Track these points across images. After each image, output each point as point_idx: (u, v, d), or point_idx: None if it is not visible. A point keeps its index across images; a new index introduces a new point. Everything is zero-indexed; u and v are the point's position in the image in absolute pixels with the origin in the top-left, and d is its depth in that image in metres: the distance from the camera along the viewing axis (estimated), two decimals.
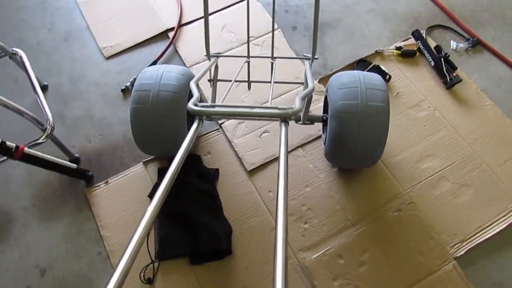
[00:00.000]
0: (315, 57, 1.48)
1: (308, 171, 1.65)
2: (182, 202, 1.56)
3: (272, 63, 1.52)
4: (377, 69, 1.85)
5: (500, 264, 1.47)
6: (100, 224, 1.57)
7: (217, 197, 1.59)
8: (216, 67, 1.53)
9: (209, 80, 1.54)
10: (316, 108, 1.79)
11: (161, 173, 1.65)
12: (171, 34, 2.03)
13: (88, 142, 1.78)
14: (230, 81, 1.48)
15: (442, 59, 1.87)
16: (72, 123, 1.83)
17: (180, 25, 2.07)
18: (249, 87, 1.59)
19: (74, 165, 1.60)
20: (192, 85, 1.25)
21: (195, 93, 1.21)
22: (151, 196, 1.60)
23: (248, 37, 1.49)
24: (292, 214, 1.56)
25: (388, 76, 1.84)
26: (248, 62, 1.54)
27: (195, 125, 1.17)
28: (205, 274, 1.46)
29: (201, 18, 2.08)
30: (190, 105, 1.14)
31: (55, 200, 1.65)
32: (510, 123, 1.75)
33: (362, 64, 1.90)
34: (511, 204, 1.56)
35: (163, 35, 2.06)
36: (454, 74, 1.85)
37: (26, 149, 1.37)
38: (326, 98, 1.53)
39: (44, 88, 1.91)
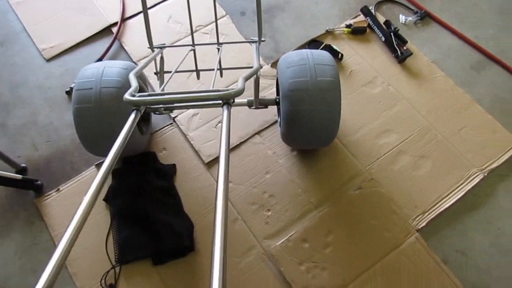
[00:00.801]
0: (262, 39, 1.44)
1: (267, 157, 1.62)
2: (140, 202, 1.50)
3: (218, 49, 1.48)
4: (329, 49, 1.83)
5: (461, 231, 1.49)
6: (54, 234, 1.50)
7: (176, 194, 1.54)
8: (162, 59, 1.47)
9: (155, 73, 1.47)
10: (271, 93, 1.76)
11: (116, 175, 1.58)
12: (115, 30, 1.95)
13: (35, 150, 1.69)
14: (177, 72, 1.42)
15: (392, 34, 1.87)
16: (16, 132, 1.73)
17: (124, 19, 1.99)
18: (198, 77, 1.53)
19: (19, 176, 1.51)
20: (131, 76, 1.18)
21: (133, 84, 1.14)
22: (106, 199, 1.53)
23: (191, 25, 1.44)
24: (254, 203, 1.53)
25: (340, 54, 1.83)
26: (194, 51, 1.48)
27: (132, 116, 1.09)
28: (170, 273, 1.41)
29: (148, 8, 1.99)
30: (126, 95, 1.06)
31: (3, 214, 1.55)
32: (461, 93, 1.77)
33: (313, 44, 1.87)
34: (467, 172, 1.58)
35: (106, 31, 1.97)
36: (405, 47, 1.85)
37: None
38: (277, 80, 1.50)
39: None
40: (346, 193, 1.54)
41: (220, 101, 1.07)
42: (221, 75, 1.58)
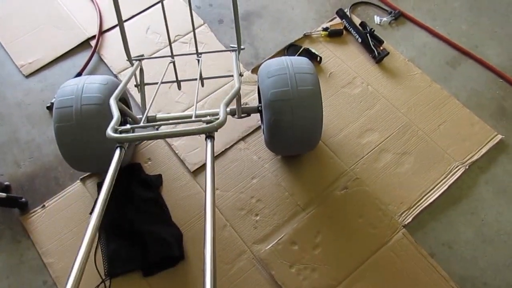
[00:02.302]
0: (242, 47, 1.45)
1: (252, 162, 1.63)
2: (127, 214, 1.49)
3: (198, 60, 1.48)
4: (307, 53, 1.86)
5: (446, 224, 1.52)
6: (41, 252, 1.48)
7: (163, 204, 1.54)
8: (141, 70, 1.47)
9: (135, 85, 1.47)
10: (253, 99, 1.77)
11: (101, 188, 1.57)
12: (93, 43, 1.94)
13: (18, 167, 1.67)
14: (158, 83, 1.42)
15: (368, 34, 1.90)
16: None
17: (102, 32, 1.98)
18: (179, 87, 1.54)
19: (3, 194, 1.49)
20: (112, 103, 1.16)
21: (115, 114, 1.12)
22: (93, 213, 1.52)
23: (169, 36, 1.44)
24: (242, 208, 1.53)
25: (318, 58, 1.85)
26: (174, 62, 1.49)
27: (116, 154, 1.07)
28: (161, 284, 1.40)
29: (125, 20, 1.99)
30: (109, 131, 1.05)
31: None
32: (438, 88, 1.81)
33: (292, 49, 1.90)
34: (449, 166, 1.62)
35: (85, 44, 1.96)
36: (381, 48, 1.89)
37: None
38: (259, 88, 1.52)
39: None
40: (332, 194, 1.56)
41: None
42: (202, 85, 1.59)
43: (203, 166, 1.61)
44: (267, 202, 1.54)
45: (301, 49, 1.87)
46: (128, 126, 1.10)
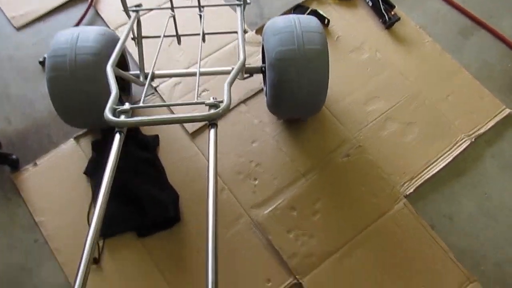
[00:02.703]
0: (247, 1, 1.37)
1: (253, 126, 1.58)
2: (122, 174, 1.43)
3: (200, 15, 1.40)
4: (315, 14, 1.77)
5: (448, 196, 1.49)
6: (32, 210, 1.44)
7: (159, 165, 1.49)
8: (139, 22, 1.39)
9: (132, 39, 1.40)
10: (256, 61, 1.70)
11: (96, 147, 1.52)
12: None
13: (8, 123, 1.60)
14: (157, 37, 1.35)
15: None
16: None
17: None
18: (178, 42, 1.46)
19: None
20: (109, 72, 1.09)
21: (113, 88, 1.05)
22: (87, 173, 1.48)
23: None
24: (240, 172, 1.49)
25: (326, 20, 1.77)
26: (174, 16, 1.41)
27: (116, 140, 1.01)
28: (155, 245, 1.37)
29: None
30: (107, 113, 0.98)
31: None
32: (449, 58, 1.75)
33: (299, 9, 1.81)
34: (455, 138, 1.57)
35: None
36: (393, 13, 1.81)
37: None
38: (263, 47, 1.44)
39: None
40: (334, 161, 1.51)
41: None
42: (204, 41, 1.52)
43: (202, 128, 1.55)
44: (266, 167, 1.50)
45: (309, 10, 1.78)
46: (127, 105, 1.04)
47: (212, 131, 1.01)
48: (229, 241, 1.38)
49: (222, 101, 1.02)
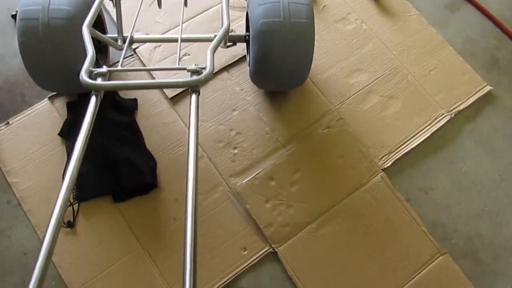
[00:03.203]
0: None
1: (234, 94, 1.55)
2: (98, 137, 1.40)
3: None
4: None
5: (425, 171, 1.51)
6: (5, 170, 1.40)
7: (136, 129, 1.46)
8: None
9: None
10: (239, 26, 1.65)
11: (71, 108, 1.47)
12: None
13: None
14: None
15: None
16: None
17: None
18: (159, 5, 1.40)
19: None
20: (85, 33, 1.05)
21: (89, 50, 1.01)
22: (61, 134, 1.43)
23: None
24: (220, 141, 1.47)
25: None
26: None
27: (92, 102, 0.98)
28: (131, 210, 1.36)
29: None
30: (83, 75, 0.95)
31: None
32: (434, 33, 1.73)
33: None
34: (435, 113, 1.58)
35: None
36: None
37: None
38: (247, 15, 1.40)
39: None
40: (314, 132, 1.51)
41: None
42: (186, 4, 1.46)
43: (183, 94, 1.52)
44: (246, 136, 1.49)
45: None
46: (104, 68, 1.00)
47: (193, 98, 0.99)
48: (206, 208, 1.38)
49: (204, 68, 0.99)
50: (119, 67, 1.12)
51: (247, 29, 1.45)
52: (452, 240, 1.42)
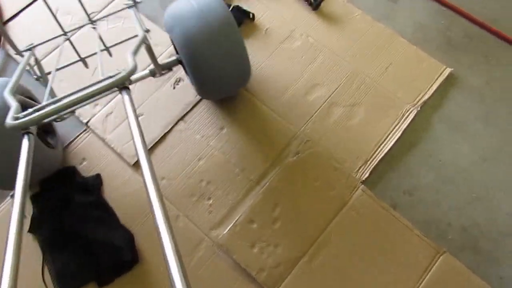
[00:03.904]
0: (138, 0, 1.31)
1: (196, 143, 1.51)
2: (68, 224, 1.37)
3: (94, 28, 1.33)
4: (238, 11, 1.69)
5: (405, 172, 1.47)
6: None
7: (106, 206, 1.42)
8: (37, 61, 1.32)
9: (36, 79, 1.31)
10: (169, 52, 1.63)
11: (36, 201, 1.43)
12: None
13: None
14: (60, 69, 1.27)
15: None
16: None
17: (5, 23, 1.74)
18: (85, 66, 1.37)
19: None
20: (7, 95, 1.03)
21: (12, 104, 0.99)
22: (31, 231, 1.39)
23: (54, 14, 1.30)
24: (192, 194, 1.43)
25: (251, 14, 1.69)
26: (69, 39, 1.33)
27: (25, 142, 0.94)
28: None
29: (27, 6, 1.75)
30: (8, 120, 0.92)
31: None
32: (381, 28, 1.70)
33: None
34: (401, 110, 1.55)
35: None
36: None
37: None
38: (171, 39, 1.39)
39: None
40: (285, 162, 1.47)
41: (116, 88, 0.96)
42: (110, 55, 1.43)
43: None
44: (218, 183, 1.45)
45: (231, 7, 1.70)
46: (29, 110, 0.97)
47: (126, 97, 0.95)
48: (194, 269, 1.33)
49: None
50: (44, 103, 1.06)
51: (176, 51, 1.43)
52: (448, 236, 1.38)
